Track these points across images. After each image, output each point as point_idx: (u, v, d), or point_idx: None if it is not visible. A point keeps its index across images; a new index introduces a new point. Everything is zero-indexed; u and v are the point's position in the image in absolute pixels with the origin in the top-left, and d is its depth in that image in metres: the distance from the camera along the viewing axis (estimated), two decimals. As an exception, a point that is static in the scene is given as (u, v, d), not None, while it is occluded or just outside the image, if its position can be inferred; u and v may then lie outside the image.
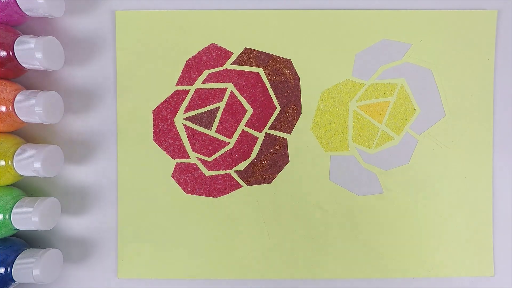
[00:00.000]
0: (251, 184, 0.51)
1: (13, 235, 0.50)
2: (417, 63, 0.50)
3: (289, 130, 0.51)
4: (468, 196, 0.51)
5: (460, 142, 0.51)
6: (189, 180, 0.51)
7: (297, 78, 0.50)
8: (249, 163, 0.51)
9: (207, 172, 0.51)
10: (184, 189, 0.51)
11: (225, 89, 0.50)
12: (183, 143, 0.50)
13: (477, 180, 0.51)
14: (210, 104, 0.50)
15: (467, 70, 0.50)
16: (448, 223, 0.51)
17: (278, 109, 0.50)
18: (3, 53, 0.45)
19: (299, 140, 0.51)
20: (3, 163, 0.45)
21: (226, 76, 0.50)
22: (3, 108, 0.45)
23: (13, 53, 0.45)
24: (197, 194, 0.51)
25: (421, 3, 0.50)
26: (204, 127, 0.50)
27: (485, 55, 0.50)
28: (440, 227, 0.51)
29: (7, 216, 0.45)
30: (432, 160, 0.51)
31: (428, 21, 0.50)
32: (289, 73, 0.50)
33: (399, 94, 0.50)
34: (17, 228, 0.46)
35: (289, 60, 0.50)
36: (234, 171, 0.51)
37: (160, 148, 0.50)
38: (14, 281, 0.45)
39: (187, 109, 0.50)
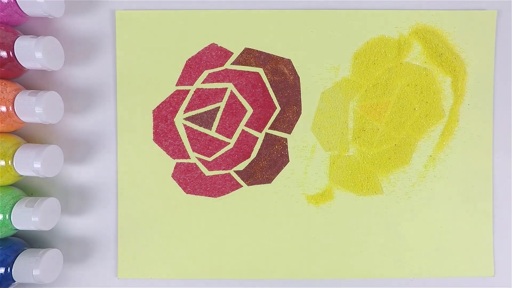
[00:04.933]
0: (251, 184, 0.51)
1: (13, 235, 0.50)
2: (416, 63, 0.50)
3: (289, 130, 0.51)
4: (468, 196, 0.51)
5: (460, 142, 0.51)
6: (189, 180, 0.51)
7: (297, 78, 0.50)
8: (249, 163, 0.51)
9: (207, 172, 0.51)
10: (184, 189, 0.51)
11: (225, 89, 0.50)
12: (183, 143, 0.50)
13: (477, 180, 0.51)
14: (210, 104, 0.50)
15: (466, 71, 0.50)
16: (448, 223, 0.51)
17: (278, 109, 0.50)
18: (3, 53, 0.45)
19: (299, 140, 0.51)
20: (3, 163, 0.45)
21: (226, 76, 0.50)
22: (3, 108, 0.45)
23: (13, 53, 0.45)
24: (197, 194, 0.51)
25: (420, 3, 0.50)
26: (204, 127, 0.50)
27: (485, 55, 0.50)
28: (440, 227, 0.51)
29: (7, 216, 0.45)
30: (432, 160, 0.51)
31: (427, 21, 0.50)
32: (289, 73, 0.50)
33: (399, 94, 0.50)
34: (17, 228, 0.46)
35: (289, 60, 0.50)
36: (234, 171, 0.51)
37: (160, 148, 0.50)
38: (14, 281, 0.45)
39: (187, 109, 0.50)
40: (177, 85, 0.50)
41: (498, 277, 0.51)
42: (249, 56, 0.50)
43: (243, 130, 0.50)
